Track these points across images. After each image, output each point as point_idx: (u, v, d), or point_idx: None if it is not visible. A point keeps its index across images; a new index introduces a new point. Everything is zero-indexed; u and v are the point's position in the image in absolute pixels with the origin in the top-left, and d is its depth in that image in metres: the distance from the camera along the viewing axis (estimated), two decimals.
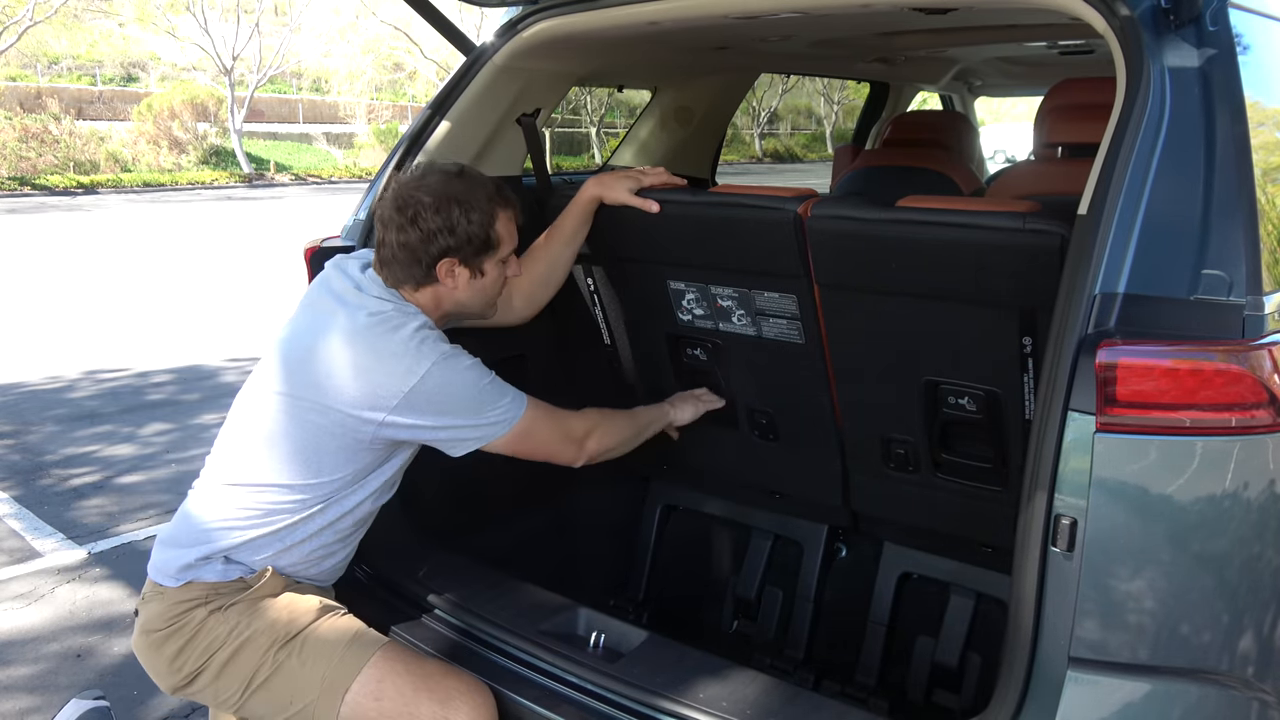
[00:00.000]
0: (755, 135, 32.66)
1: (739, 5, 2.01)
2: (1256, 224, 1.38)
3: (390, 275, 1.86)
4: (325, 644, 1.75)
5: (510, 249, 1.92)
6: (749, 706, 1.62)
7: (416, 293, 1.86)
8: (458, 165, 1.91)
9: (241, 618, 1.76)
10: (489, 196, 1.85)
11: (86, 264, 11.48)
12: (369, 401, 1.74)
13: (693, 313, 2.28)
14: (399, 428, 1.76)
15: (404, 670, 1.73)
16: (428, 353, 1.76)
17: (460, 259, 1.84)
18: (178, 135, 24.56)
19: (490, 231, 1.85)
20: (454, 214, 1.80)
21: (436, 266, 1.82)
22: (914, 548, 2.31)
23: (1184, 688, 1.38)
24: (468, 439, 1.82)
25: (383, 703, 1.70)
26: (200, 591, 1.77)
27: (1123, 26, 1.48)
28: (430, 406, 1.76)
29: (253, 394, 1.86)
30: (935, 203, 1.96)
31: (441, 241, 1.80)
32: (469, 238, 1.82)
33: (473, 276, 1.88)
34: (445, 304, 1.90)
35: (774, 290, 2.10)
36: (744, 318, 2.19)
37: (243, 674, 1.75)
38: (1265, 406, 1.30)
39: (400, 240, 1.81)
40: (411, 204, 1.81)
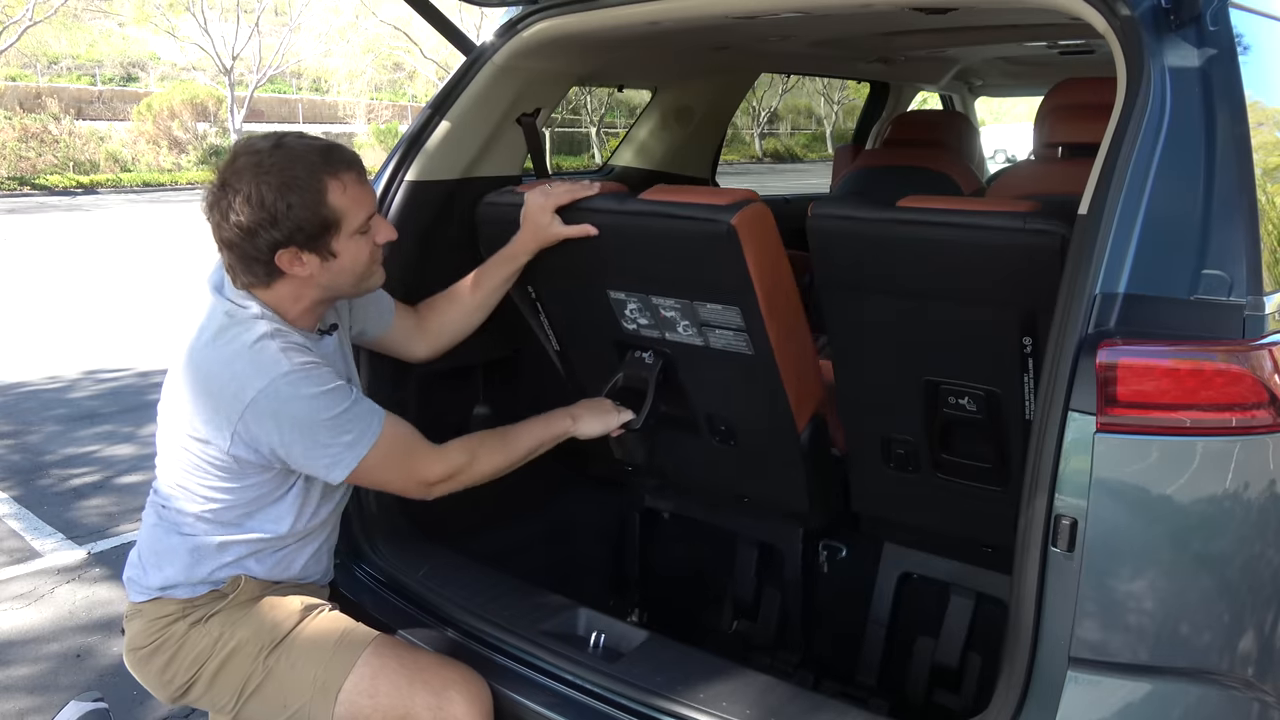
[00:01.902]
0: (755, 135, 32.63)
1: (739, 5, 2.00)
2: (1257, 224, 1.38)
3: (235, 278, 1.67)
4: (314, 645, 1.73)
5: (361, 218, 1.66)
6: (749, 706, 1.62)
7: (269, 290, 1.67)
8: (274, 137, 1.64)
9: (224, 628, 1.74)
10: (311, 170, 1.59)
11: (87, 264, 11.48)
12: (213, 424, 1.63)
13: (637, 321, 2.16)
14: (247, 448, 1.64)
15: (397, 664, 1.71)
16: (263, 369, 1.60)
17: (299, 246, 1.60)
18: (177, 135, 24.54)
19: (323, 209, 1.59)
20: (269, 200, 1.55)
21: (275, 259, 1.61)
22: (914, 548, 2.30)
23: (1184, 688, 1.38)
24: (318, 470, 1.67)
25: (378, 699, 1.68)
26: (175, 606, 1.75)
27: (1123, 26, 1.48)
28: (271, 428, 1.61)
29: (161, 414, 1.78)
30: (935, 203, 1.96)
31: (266, 235, 1.57)
32: (298, 225, 1.58)
33: (324, 260, 1.64)
34: (309, 293, 1.69)
35: (717, 302, 1.99)
36: (689, 328, 2.08)
37: (234, 683, 1.73)
38: (1265, 407, 1.30)
39: (225, 239, 1.61)
40: (223, 197, 1.59)
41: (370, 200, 1.70)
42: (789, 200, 4.35)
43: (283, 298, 1.69)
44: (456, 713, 1.67)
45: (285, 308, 1.70)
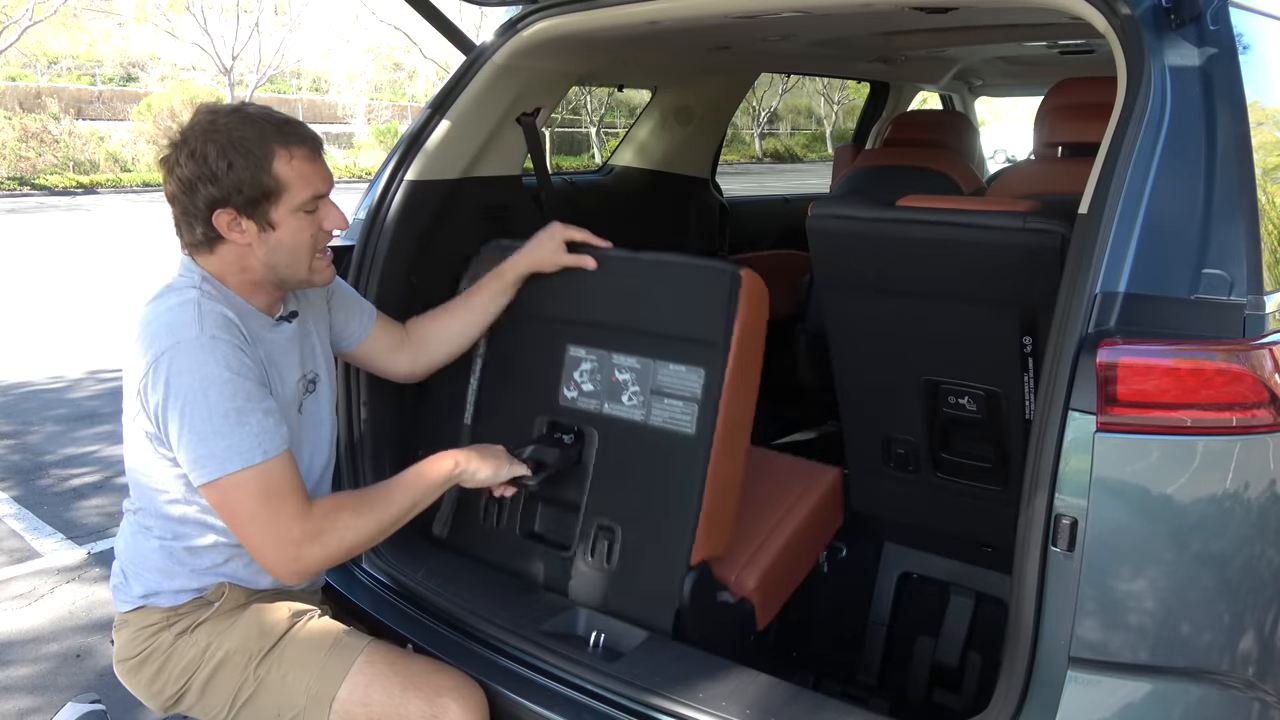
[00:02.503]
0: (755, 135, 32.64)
1: (739, 5, 2.00)
2: (1257, 223, 1.38)
3: (181, 238, 1.64)
4: (305, 653, 1.71)
5: (305, 195, 1.62)
6: (749, 706, 1.61)
7: (211, 256, 1.64)
8: (236, 104, 1.66)
9: (212, 637, 1.71)
10: (261, 136, 1.58)
11: (87, 264, 11.48)
12: (129, 377, 1.58)
13: (580, 389, 2.04)
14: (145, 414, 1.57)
15: (390, 671, 1.69)
16: (172, 330, 1.54)
17: (236, 209, 1.58)
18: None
19: (265, 176, 1.57)
20: (211, 156, 1.55)
21: (213, 220, 1.58)
22: (914, 547, 2.30)
23: (1184, 688, 1.38)
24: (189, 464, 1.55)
25: (371, 707, 1.66)
26: (160, 616, 1.72)
27: (1123, 26, 1.48)
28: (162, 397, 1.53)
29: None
30: (935, 202, 1.96)
31: (205, 191, 1.56)
32: (237, 185, 1.56)
33: (261, 230, 1.61)
34: (250, 265, 1.64)
35: (681, 363, 1.91)
36: (636, 396, 1.96)
37: (225, 693, 1.70)
38: (1266, 406, 1.30)
39: (169, 193, 1.60)
40: (171, 156, 1.59)
41: (321, 182, 1.66)
42: (789, 200, 4.35)
43: (226, 265, 1.65)
44: (452, 719, 1.66)
45: (228, 277, 1.66)
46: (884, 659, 2.31)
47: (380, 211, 2.25)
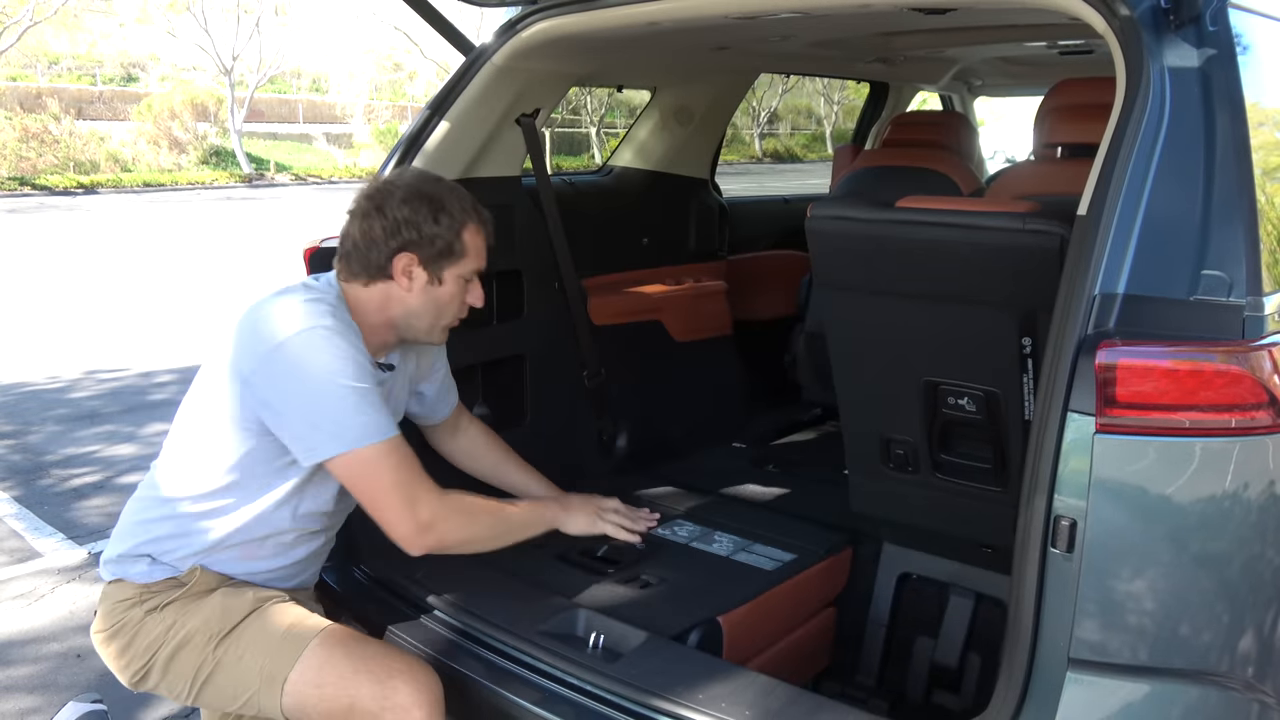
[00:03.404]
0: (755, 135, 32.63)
1: (738, 6, 2.00)
2: (1256, 225, 1.38)
3: (345, 268, 1.81)
4: (261, 636, 1.75)
5: (475, 267, 1.85)
6: (748, 707, 1.62)
7: (366, 289, 1.80)
8: (437, 175, 1.90)
9: (178, 616, 1.76)
10: (463, 205, 1.82)
11: (87, 264, 11.48)
12: (238, 360, 1.70)
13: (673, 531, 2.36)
14: (257, 396, 1.68)
15: (342, 654, 1.72)
16: (305, 318, 1.67)
17: (420, 258, 1.78)
18: (178, 135, 24.53)
19: (456, 239, 1.80)
20: (422, 210, 1.77)
21: (394, 260, 1.77)
22: (913, 548, 2.30)
23: (1183, 689, 1.38)
24: (307, 439, 1.68)
25: (323, 689, 1.69)
26: (133, 591, 1.78)
27: (1122, 27, 1.48)
28: (286, 378, 1.66)
29: (188, 392, 1.85)
30: (935, 203, 1.96)
31: (405, 234, 1.76)
32: (433, 238, 1.77)
33: (430, 282, 1.81)
34: (393, 308, 1.82)
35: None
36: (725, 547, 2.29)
37: (186, 671, 1.75)
38: (1265, 407, 1.30)
39: (363, 229, 1.78)
40: (382, 193, 1.78)
41: (483, 261, 1.88)
42: (789, 200, 4.35)
43: (372, 302, 1.81)
44: (402, 701, 1.66)
45: (362, 313, 1.80)
46: (883, 660, 2.31)
47: None
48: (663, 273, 3.24)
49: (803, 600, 2.24)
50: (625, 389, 2.90)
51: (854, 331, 2.14)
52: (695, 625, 1.93)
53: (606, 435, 2.92)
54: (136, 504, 1.85)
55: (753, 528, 2.37)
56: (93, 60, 31.89)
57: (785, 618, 2.18)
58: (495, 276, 2.61)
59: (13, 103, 24.02)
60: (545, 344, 2.70)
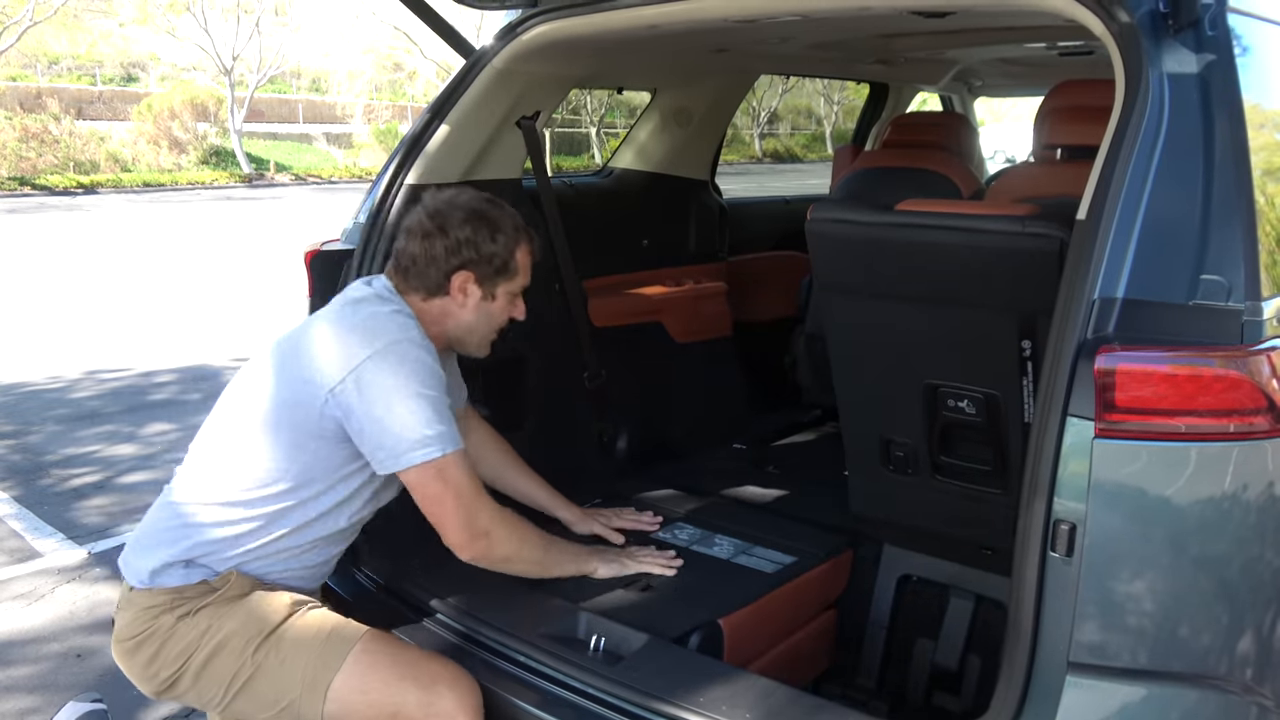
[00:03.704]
0: (755, 135, 32.63)
1: (738, 8, 2.01)
2: (1255, 229, 1.38)
3: (404, 282, 1.89)
4: (303, 640, 1.74)
5: (522, 284, 1.95)
6: (749, 710, 1.62)
7: (425, 303, 1.88)
8: (491, 195, 1.98)
9: (213, 621, 1.74)
10: (515, 226, 1.92)
11: (87, 264, 11.48)
12: (323, 368, 1.73)
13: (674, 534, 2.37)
14: (341, 403, 1.71)
15: (388, 660, 1.72)
16: (393, 330, 1.76)
17: (478, 276, 1.87)
18: (178, 135, 24.53)
19: (511, 258, 1.90)
20: (482, 230, 1.86)
21: (453, 277, 1.86)
22: (913, 550, 2.31)
23: (1182, 692, 1.38)
24: (392, 447, 1.71)
25: (369, 695, 1.69)
26: (165, 597, 1.75)
27: (1121, 31, 1.48)
28: (372, 388, 1.70)
29: (228, 394, 1.86)
30: (934, 206, 1.96)
31: (465, 254, 1.85)
32: (490, 256, 1.87)
33: (484, 298, 1.90)
34: (449, 322, 1.91)
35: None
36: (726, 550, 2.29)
37: (222, 676, 1.73)
38: (1263, 412, 1.30)
39: (424, 248, 1.86)
40: (443, 214, 1.87)
41: (529, 278, 1.97)
42: (789, 201, 4.35)
43: (430, 313, 1.88)
44: (447, 708, 1.67)
45: (425, 323, 1.86)
46: (883, 661, 2.31)
47: (381, 215, 2.25)
48: (663, 274, 3.24)
49: (803, 602, 2.24)
50: (625, 390, 2.91)
51: (854, 333, 2.14)
52: (696, 628, 1.94)
53: (607, 437, 2.92)
54: (170, 509, 1.82)
55: (753, 530, 2.38)
56: (93, 60, 31.86)
57: (786, 620, 2.18)
58: None
59: (13, 103, 24.01)
60: (545, 346, 2.70)
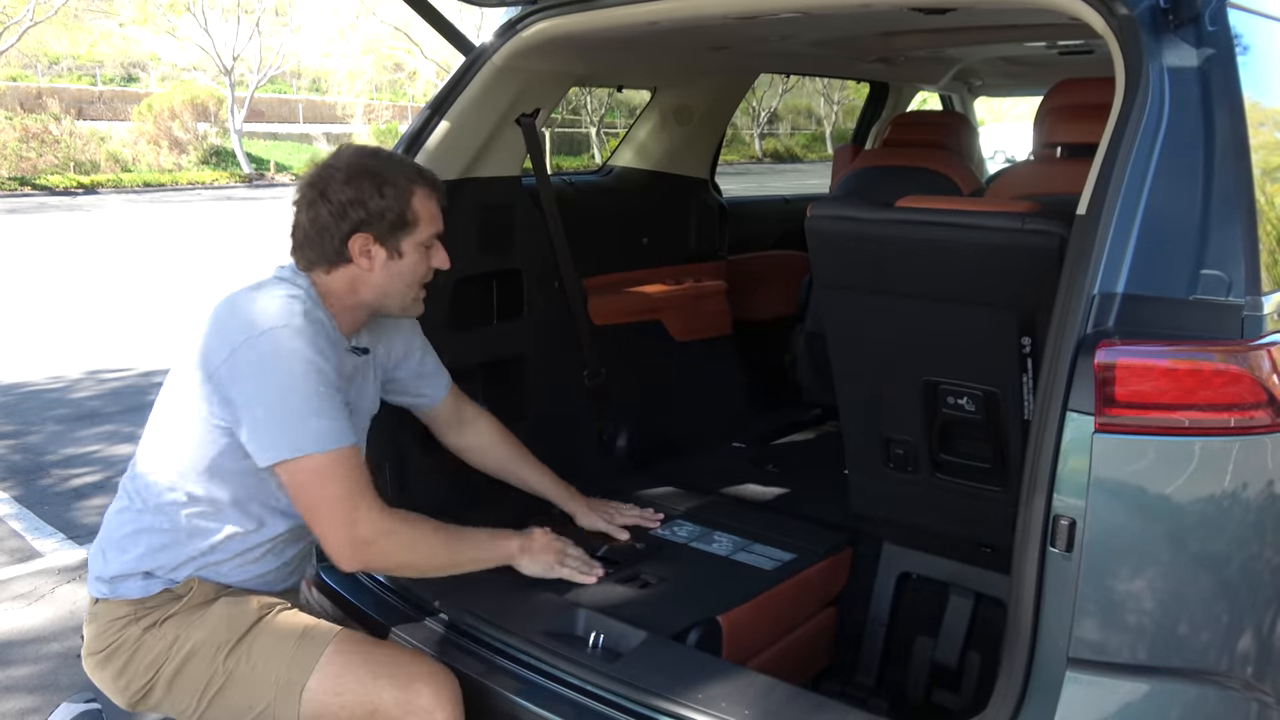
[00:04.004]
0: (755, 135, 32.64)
1: (738, 5, 2.00)
2: (1255, 224, 1.38)
3: (302, 257, 1.78)
4: (274, 644, 1.71)
5: (431, 231, 1.82)
6: (748, 707, 1.62)
7: (330, 276, 1.77)
8: (377, 147, 1.86)
9: (180, 630, 1.72)
10: (405, 174, 1.78)
11: (87, 264, 11.48)
12: (208, 354, 1.66)
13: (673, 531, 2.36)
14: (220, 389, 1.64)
15: (361, 660, 1.69)
16: (276, 315, 1.64)
17: (375, 235, 1.75)
18: (178, 135, 24.53)
19: (406, 208, 1.76)
20: (365, 186, 1.73)
21: (349, 243, 1.74)
22: (913, 548, 2.31)
23: (1182, 688, 1.38)
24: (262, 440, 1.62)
25: (344, 696, 1.67)
26: (128, 608, 1.73)
27: (1121, 27, 1.48)
28: (249, 376, 1.62)
29: (160, 393, 1.81)
30: (934, 203, 1.96)
31: (354, 215, 1.72)
32: (382, 212, 1.74)
33: (390, 257, 1.78)
34: (362, 290, 1.79)
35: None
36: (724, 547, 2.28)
37: (194, 686, 1.70)
38: (1264, 407, 1.30)
39: (311, 217, 1.75)
40: (322, 178, 1.75)
41: (440, 223, 1.84)
42: (789, 200, 4.35)
43: (339, 288, 1.78)
44: (424, 704, 1.65)
45: (334, 296, 1.78)
46: (883, 659, 2.31)
47: None
48: (663, 272, 3.24)
49: (803, 600, 2.24)
50: (625, 389, 2.91)
51: (854, 331, 2.14)
52: (695, 625, 1.93)
53: (606, 435, 2.92)
54: (118, 518, 1.79)
55: (753, 527, 2.37)
56: (93, 60, 31.89)
57: (785, 617, 2.18)
58: (495, 276, 2.62)
59: (13, 103, 24.03)
60: (545, 344, 2.70)
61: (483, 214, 2.50)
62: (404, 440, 2.30)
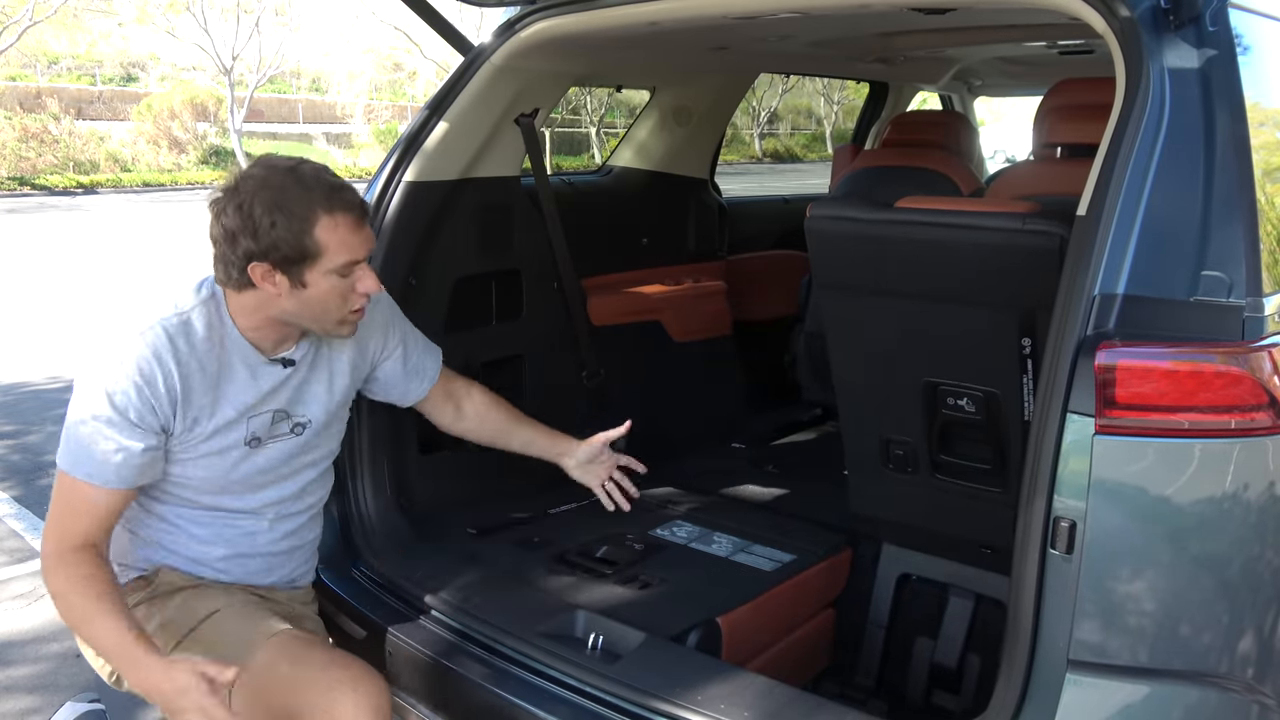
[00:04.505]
0: (755, 135, 32.63)
1: (738, 5, 2.00)
2: (1256, 225, 1.37)
3: (216, 273, 1.72)
4: (213, 644, 1.72)
5: (341, 260, 1.66)
6: (747, 708, 1.61)
7: (240, 295, 1.71)
8: (295, 161, 1.70)
9: (146, 619, 1.76)
10: (309, 200, 1.62)
11: (87, 264, 11.48)
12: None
13: (672, 532, 2.38)
14: None
15: (287, 665, 1.68)
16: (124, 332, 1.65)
17: (272, 264, 1.64)
18: (177, 135, 24.52)
19: (305, 239, 1.62)
20: (257, 214, 1.60)
21: (248, 270, 1.65)
22: (913, 549, 2.30)
23: (1183, 690, 1.38)
24: (64, 434, 1.67)
25: (269, 699, 1.67)
26: None
27: (1122, 27, 1.48)
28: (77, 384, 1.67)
29: None
30: (934, 203, 1.96)
31: (244, 244, 1.62)
32: (274, 244, 1.61)
33: (294, 287, 1.67)
34: (271, 310, 1.72)
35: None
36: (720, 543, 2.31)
37: None
38: (1265, 409, 1.30)
39: (211, 235, 1.67)
40: (224, 198, 1.65)
41: (360, 248, 1.70)
42: (788, 200, 4.35)
43: (245, 305, 1.73)
44: (343, 714, 1.62)
45: (242, 316, 1.74)
46: (882, 661, 2.31)
47: (379, 213, 2.25)
48: (662, 273, 3.24)
49: (802, 601, 2.24)
50: (625, 389, 2.90)
51: (853, 332, 2.13)
52: (694, 626, 1.93)
53: None
54: None
55: (752, 528, 2.37)
56: (92, 60, 31.88)
57: (784, 618, 2.18)
58: (494, 277, 2.61)
59: (12, 103, 24.00)
60: (544, 344, 2.70)
61: (482, 214, 2.50)
62: (404, 440, 2.29)
